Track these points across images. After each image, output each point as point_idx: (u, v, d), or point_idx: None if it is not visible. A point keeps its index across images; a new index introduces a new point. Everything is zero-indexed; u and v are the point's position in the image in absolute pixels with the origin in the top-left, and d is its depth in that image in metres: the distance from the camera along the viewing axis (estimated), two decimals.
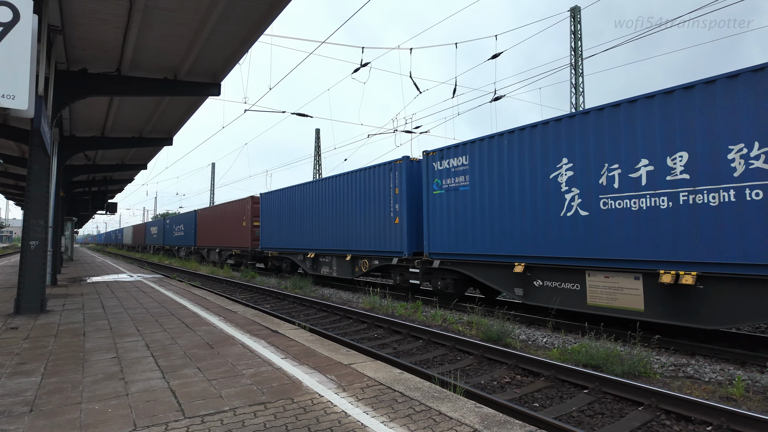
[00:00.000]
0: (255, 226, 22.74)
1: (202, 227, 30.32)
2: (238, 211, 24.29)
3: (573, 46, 22.50)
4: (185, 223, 34.77)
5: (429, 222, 11.85)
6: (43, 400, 3.65)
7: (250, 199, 23.19)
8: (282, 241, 19.61)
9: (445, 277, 11.63)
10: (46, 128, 7.54)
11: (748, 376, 5.98)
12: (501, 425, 3.19)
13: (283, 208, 19.71)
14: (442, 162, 11.51)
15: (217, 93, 10.62)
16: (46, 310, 8.31)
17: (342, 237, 15.43)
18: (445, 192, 11.42)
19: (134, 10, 7.39)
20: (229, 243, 25.15)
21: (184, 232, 34.71)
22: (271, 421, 3.22)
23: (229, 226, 25.32)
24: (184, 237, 34.86)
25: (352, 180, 15.12)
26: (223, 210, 26.74)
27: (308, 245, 17.67)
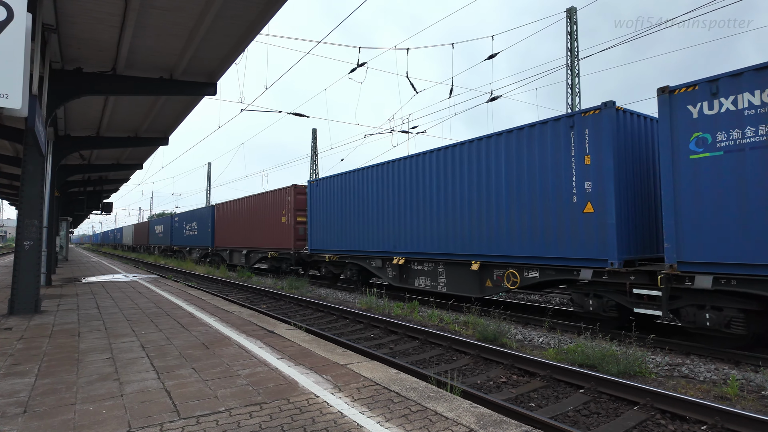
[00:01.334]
0: (300, 222, 18.58)
1: (223, 225, 25.99)
2: (276, 204, 19.92)
3: (569, 47, 22.57)
4: (199, 221, 29.88)
5: (680, 206, 7.11)
6: (37, 401, 3.63)
7: (292, 188, 18.89)
8: (345, 240, 15.29)
9: (724, 306, 6.78)
10: (41, 127, 7.49)
11: (743, 376, 6.01)
12: (497, 425, 3.19)
13: (346, 198, 15.37)
14: (715, 102, 6.75)
15: (213, 93, 10.58)
16: (41, 310, 8.26)
17: (460, 235, 10.97)
18: (723, 154, 6.68)
19: (129, 9, 7.35)
20: (262, 243, 20.82)
21: (198, 231, 30.01)
22: (266, 422, 3.21)
23: (261, 223, 21.07)
24: (197, 236, 30.14)
25: (485, 149, 10.46)
26: (253, 203, 22.19)
27: (392, 247, 13.20)
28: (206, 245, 28.31)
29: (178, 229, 35.58)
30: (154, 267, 31.39)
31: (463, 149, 11.01)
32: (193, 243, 31.11)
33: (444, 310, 11.32)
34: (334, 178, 16.07)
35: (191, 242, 31.47)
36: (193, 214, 31.52)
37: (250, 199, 22.54)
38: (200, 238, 29.51)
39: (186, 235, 32.91)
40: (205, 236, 28.56)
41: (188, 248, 32.77)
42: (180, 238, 34.73)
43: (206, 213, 28.68)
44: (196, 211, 31.16)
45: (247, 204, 22.88)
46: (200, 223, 29.66)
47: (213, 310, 8.36)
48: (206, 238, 28.38)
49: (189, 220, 32.50)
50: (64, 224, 26.82)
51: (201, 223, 29.53)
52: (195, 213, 31.26)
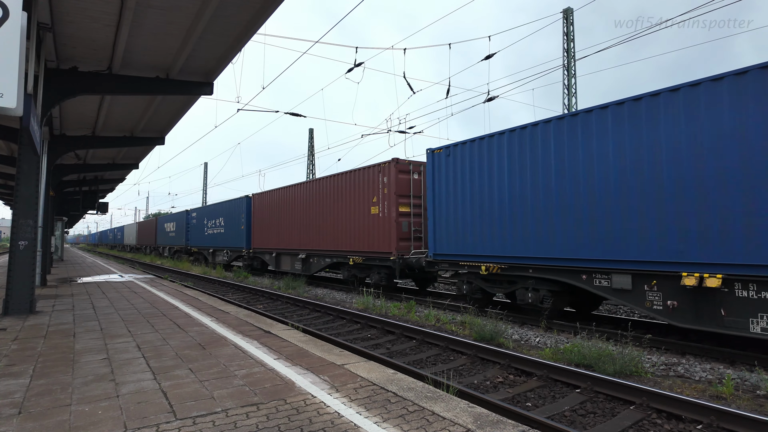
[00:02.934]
0: (402, 214, 13.18)
1: (264, 220, 21.03)
2: (359, 190, 14.40)
3: (565, 48, 22.63)
4: (228, 217, 24.65)
5: None
6: (32, 402, 3.60)
7: (391, 165, 13.23)
8: (522, 240, 9.49)
9: None
10: (36, 127, 7.45)
11: (738, 375, 6.04)
12: (494, 425, 3.19)
13: (530, 169, 9.39)
14: None
15: (209, 92, 10.55)
16: (36, 311, 8.22)
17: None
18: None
19: (125, 9, 7.32)
20: (335, 244, 15.62)
21: (226, 229, 24.78)
22: (263, 422, 3.20)
23: (334, 217, 15.83)
24: (225, 235, 24.90)
25: None
26: (316, 190, 17.01)
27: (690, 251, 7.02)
28: (238, 246, 23.13)
29: (196, 227, 30.02)
30: (150, 267, 31.28)
31: None
32: (218, 243, 25.70)
33: (441, 310, 11.33)
34: (492, 140, 10.06)
35: (216, 242, 26.10)
36: (218, 208, 26.03)
37: (312, 185, 17.38)
38: (229, 237, 24.25)
39: (208, 234, 27.38)
40: (237, 235, 23.39)
41: (211, 250, 26.82)
42: (199, 237, 29.18)
43: (237, 207, 23.50)
44: (221, 205, 25.64)
45: (306, 192, 17.71)
46: (229, 219, 24.38)
47: (209, 311, 8.33)
48: (238, 238, 23.22)
49: (212, 215, 26.88)
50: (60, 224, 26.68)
51: (230, 219, 24.23)
52: (220, 207, 25.75)
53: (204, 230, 28.45)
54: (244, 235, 22.70)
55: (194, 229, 30.61)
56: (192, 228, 31.12)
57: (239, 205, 23.44)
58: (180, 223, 33.76)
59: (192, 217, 31.32)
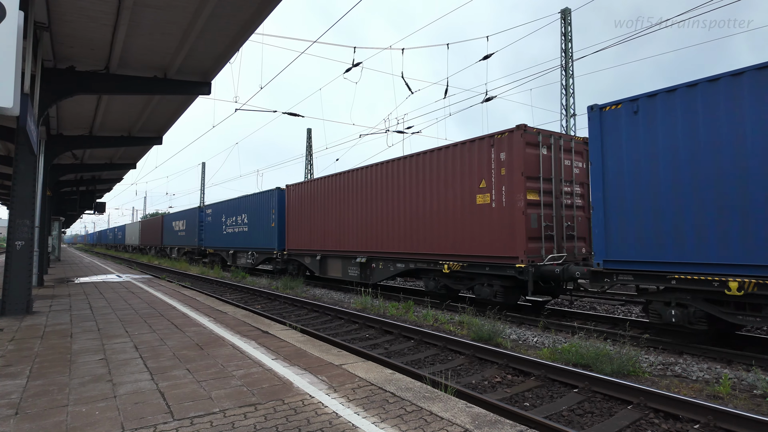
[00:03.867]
0: (532, 204, 9.71)
1: (302, 216, 17.58)
2: (458, 171, 11.02)
3: (563, 48, 22.67)
4: (252, 213, 21.19)
5: None
6: (29, 403, 3.59)
7: (514, 135, 9.67)
8: None
9: None
10: (33, 126, 7.43)
11: (735, 375, 6.06)
12: (492, 425, 3.19)
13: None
14: None
15: (207, 92, 10.54)
16: (33, 311, 8.19)
17: None
18: None
19: (123, 8, 7.31)
20: (411, 246, 12.41)
21: (251, 227, 21.29)
22: (261, 423, 3.20)
23: (407, 208, 12.58)
24: (249, 235, 21.48)
25: None
26: (381, 176, 13.54)
27: None
28: (267, 247, 19.77)
29: (212, 226, 26.41)
30: (147, 267, 31.21)
31: None
32: (240, 244, 22.45)
33: (439, 310, 11.33)
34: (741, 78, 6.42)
35: (237, 243, 22.78)
36: (241, 203, 22.69)
37: (377, 170, 13.72)
38: (255, 236, 20.96)
39: (228, 233, 23.95)
40: (265, 234, 19.98)
41: (231, 251, 23.41)
42: (216, 237, 25.66)
43: (266, 201, 20.12)
44: (244, 200, 22.34)
45: (366, 179, 14.23)
46: (255, 215, 21.06)
47: (207, 311, 8.32)
48: (267, 237, 19.76)
49: (232, 211, 23.51)
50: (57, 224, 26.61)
51: (256, 215, 20.94)
52: (244, 202, 22.36)
53: (222, 229, 24.66)
54: (275, 234, 19.12)
55: (209, 228, 26.64)
56: (207, 226, 27.06)
57: (268, 199, 19.82)
58: (191, 220, 29.62)
59: (206, 214, 27.17)
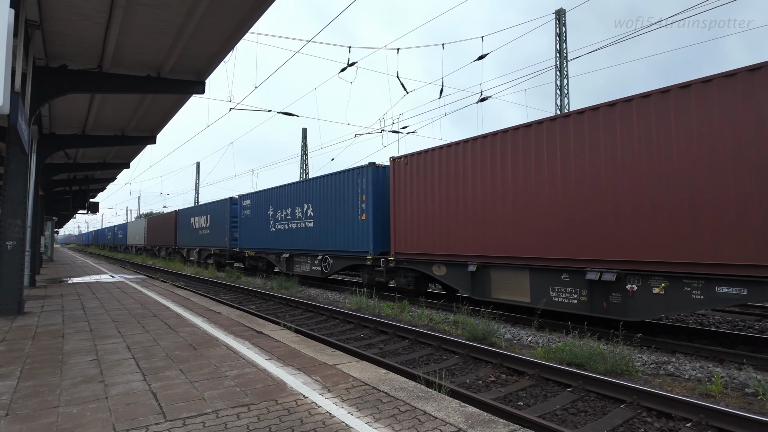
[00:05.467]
0: None
1: (425, 202, 11.90)
2: None
3: (558, 49, 22.75)
4: (325, 201, 15.70)
5: None
6: (19, 404, 3.55)
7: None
8: None
9: None
10: (24, 125, 7.35)
11: (727, 373, 6.10)
12: (485, 424, 3.19)
13: None
14: None
15: (201, 91, 10.48)
16: (24, 311, 8.11)
17: None
18: None
19: (116, 6, 7.25)
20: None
21: (320, 222, 15.90)
22: (254, 423, 3.18)
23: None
24: (315, 232, 16.16)
25: None
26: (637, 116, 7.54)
27: None
28: (354, 250, 14.12)
29: (251, 221, 20.70)
30: (141, 267, 31.02)
31: None
32: (303, 245, 16.78)
33: (434, 309, 11.34)
34: None
35: (296, 243, 17.23)
36: (302, 190, 17.01)
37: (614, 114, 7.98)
38: (329, 234, 15.40)
39: (279, 230, 18.32)
40: (349, 231, 14.39)
41: (284, 254, 17.82)
42: (259, 235, 19.97)
43: (348, 184, 14.52)
44: (308, 185, 16.64)
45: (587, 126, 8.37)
46: (327, 204, 15.51)
47: (201, 311, 8.27)
48: (352, 235, 14.25)
49: (286, 201, 17.99)
50: (49, 224, 26.39)
51: (330, 204, 15.37)
52: (307, 188, 16.72)
53: (269, 225, 19.21)
54: (367, 230, 13.61)
55: (248, 224, 21.04)
56: (244, 222, 21.41)
57: (352, 182, 14.27)
58: (218, 216, 24.10)
59: (243, 206, 21.56)
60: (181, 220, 30.77)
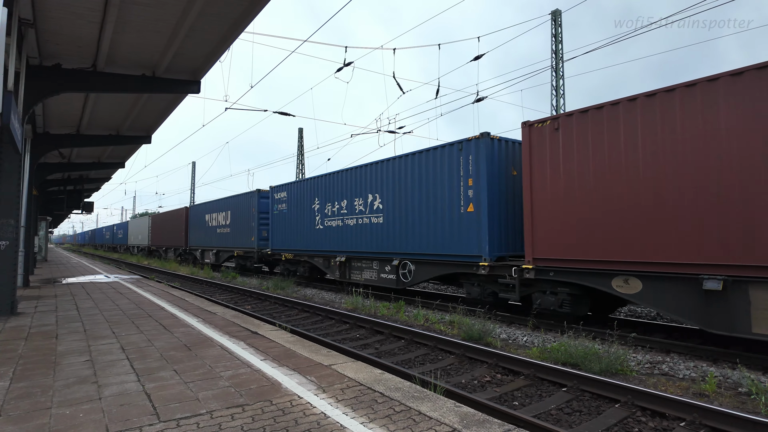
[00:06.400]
0: None
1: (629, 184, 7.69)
2: None
3: (554, 49, 22.82)
4: (407, 188, 12.18)
5: None
6: (12, 405, 3.53)
7: None
8: None
9: None
10: (17, 125, 7.30)
11: (720, 373, 6.14)
12: (480, 424, 3.20)
13: None
14: None
15: (196, 90, 10.44)
16: (17, 312, 8.06)
17: None
18: None
19: (110, 5, 7.21)
20: None
21: (389, 216, 12.76)
22: (248, 424, 3.17)
23: None
24: (372, 232, 13.32)
25: None
26: None
27: None
28: (458, 254, 10.71)
29: (287, 217, 17.51)
30: (136, 267, 30.87)
31: None
32: (368, 247, 13.48)
33: (430, 309, 11.35)
34: None
35: (356, 243, 13.98)
36: (362, 175, 13.78)
37: None
38: (411, 233, 12.04)
39: (329, 226, 15.16)
40: (454, 229, 10.85)
41: (338, 258, 14.53)
42: (300, 234, 16.69)
43: (442, 162, 11.21)
44: (370, 169, 13.44)
45: None
46: (410, 192, 12.11)
47: (196, 311, 8.24)
48: (458, 235, 10.72)
49: (338, 191, 14.75)
50: (43, 224, 26.22)
51: (416, 192, 11.93)
52: (368, 173, 13.55)
53: (313, 221, 15.94)
54: (479, 228, 10.15)
55: (283, 221, 17.72)
56: (278, 219, 18.05)
57: (454, 160, 10.83)
58: (242, 212, 20.89)
59: (276, 200, 18.26)
60: (194, 218, 27.60)
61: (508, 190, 10.53)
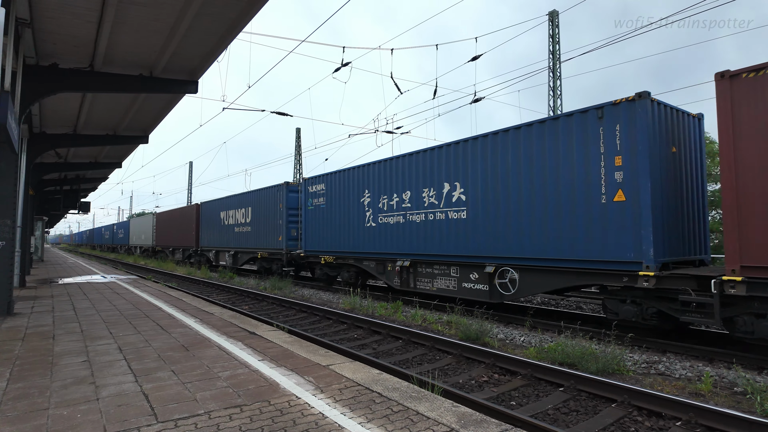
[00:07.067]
0: None
1: None
2: None
3: (551, 50, 22.88)
4: (466, 173, 10.29)
5: None
6: (9, 406, 3.52)
7: None
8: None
9: None
10: (14, 124, 7.28)
11: (716, 372, 6.17)
12: (477, 424, 3.21)
13: None
14: None
15: (194, 90, 10.43)
16: (14, 312, 8.03)
17: None
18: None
19: (108, 5, 7.20)
20: None
21: (476, 209, 10.05)
22: (246, 424, 3.17)
23: None
24: (449, 229, 10.72)
25: None
26: None
27: None
28: (597, 259, 8.00)
29: (327, 213, 15.02)
30: (133, 267, 30.79)
31: None
32: (443, 249, 10.96)
33: (428, 310, 11.36)
34: None
35: (425, 245, 11.49)
36: (434, 159, 11.31)
37: None
38: (511, 232, 9.35)
39: (384, 223, 12.71)
40: (588, 224, 8.12)
41: (403, 262, 12.00)
42: (344, 233, 14.22)
43: (567, 134, 8.50)
44: (446, 151, 10.99)
45: None
46: (508, 179, 9.48)
47: (193, 312, 8.23)
48: (597, 233, 7.99)
49: (398, 181, 12.35)
50: (40, 224, 26.12)
51: (521, 178, 9.23)
52: (443, 156, 11.05)
53: (363, 218, 13.42)
54: (637, 223, 7.58)
55: (320, 218, 15.36)
56: (314, 215, 15.70)
57: (590, 131, 8.24)
58: (266, 207, 18.63)
59: (312, 193, 15.86)
60: (206, 216, 25.03)
61: (668, 175, 7.92)
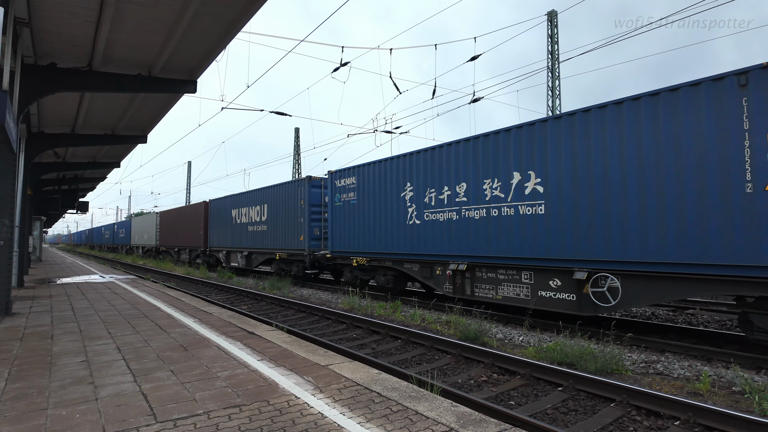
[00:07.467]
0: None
1: None
2: None
3: (550, 50, 22.90)
4: (543, 160, 8.64)
5: None
6: (7, 406, 3.51)
7: None
8: None
9: None
10: (12, 124, 7.26)
11: (714, 372, 6.19)
12: (477, 424, 3.21)
13: None
14: None
15: (193, 90, 10.41)
16: (12, 312, 8.01)
17: None
18: None
19: (106, 4, 7.18)
20: None
21: (559, 203, 8.39)
22: (246, 424, 3.17)
23: None
24: (520, 227, 9.04)
25: None
26: None
27: None
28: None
29: (359, 210, 13.47)
30: (131, 267, 30.73)
31: None
32: (512, 250, 9.27)
33: (426, 309, 11.37)
34: None
35: (485, 246, 9.83)
36: (495, 145, 9.61)
37: None
38: (612, 230, 7.66)
39: (432, 220, 11.08)
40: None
41: (459, 265, 10.32)
42: (379, 232, 12.70)
43: (701, 107, 6.67)
44: (515, 134, 9.20)
45: None
46: (608, 166, 7.77)
47: (192, 312, 8.22)
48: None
49: (446, 171, 10.79)
50: (38, 223, 26.07)
51: (630, 164, 7.48)
52: (509, 140, 9.31)
53: (404, 214, 11.94)
54: None
55: (350, 215, 13.79)
56: (342, 213, 14.14)
57: (727, 100, 6.49)
58: (284, 204, 17.33)
59: (339, 188, 14.30)
60: (215, 214, 23.31)
61: None
